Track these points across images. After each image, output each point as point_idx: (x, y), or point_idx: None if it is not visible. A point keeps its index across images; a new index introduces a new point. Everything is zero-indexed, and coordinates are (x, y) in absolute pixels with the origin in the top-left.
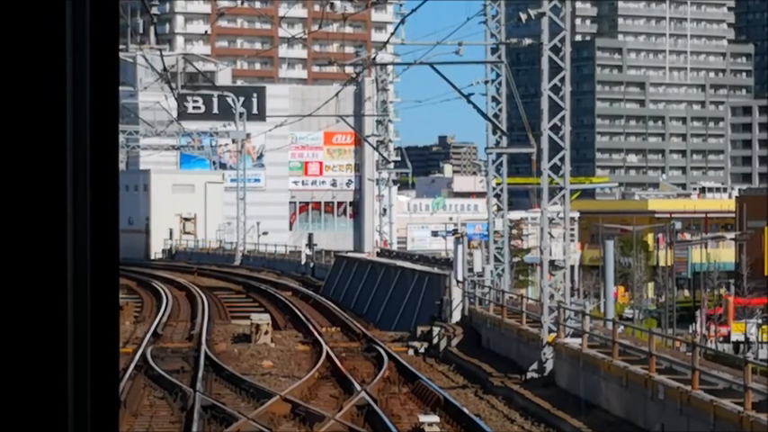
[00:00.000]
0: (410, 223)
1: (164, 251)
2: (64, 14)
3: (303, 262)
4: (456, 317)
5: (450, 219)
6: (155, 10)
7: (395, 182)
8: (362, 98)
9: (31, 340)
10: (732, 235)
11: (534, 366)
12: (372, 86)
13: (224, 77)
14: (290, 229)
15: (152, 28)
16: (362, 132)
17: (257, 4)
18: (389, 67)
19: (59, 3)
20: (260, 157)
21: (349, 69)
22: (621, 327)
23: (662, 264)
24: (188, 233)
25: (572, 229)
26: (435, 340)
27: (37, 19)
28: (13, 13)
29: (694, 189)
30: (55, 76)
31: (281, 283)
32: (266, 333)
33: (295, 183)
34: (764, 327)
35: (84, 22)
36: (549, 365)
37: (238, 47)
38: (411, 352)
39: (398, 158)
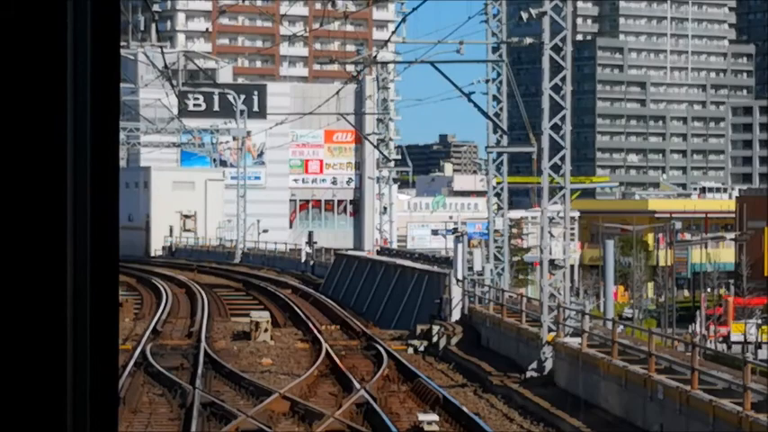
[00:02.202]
0: (410, 222)
1: (164, 248)
2: (65, 11)
3: (303, 260)
4: (456, 315)
5: (451, 217)
6: (156, 7)
7: (395, 180)
8: (363, 96)
9: (31, 337)
10: (732, 235)
11: (533, 365)
12: (373, 85)
13: (225, 75)
14: (290, 226)
15: (153, 25)
16: (363, 130)
17: (258, 2)
18: (390, 66)
19: (61, 0)
20: (260, 154)
21: (350, 68)
22: (621, 326)
23: (662, 264)
24: (188, 230)
25: (572, 229)
26: (435, 339)
27: (38, 16)
28: (15, 10)
29: (695, 189)
30: (56, 73)
31: (281, 280)
32: (266, 331)
33: (295, 181)
34: (764, 327)
35: (85, 19)
36: (548, 365)
37: (239, 44)
38: (410, 350)
39: (399, 157)
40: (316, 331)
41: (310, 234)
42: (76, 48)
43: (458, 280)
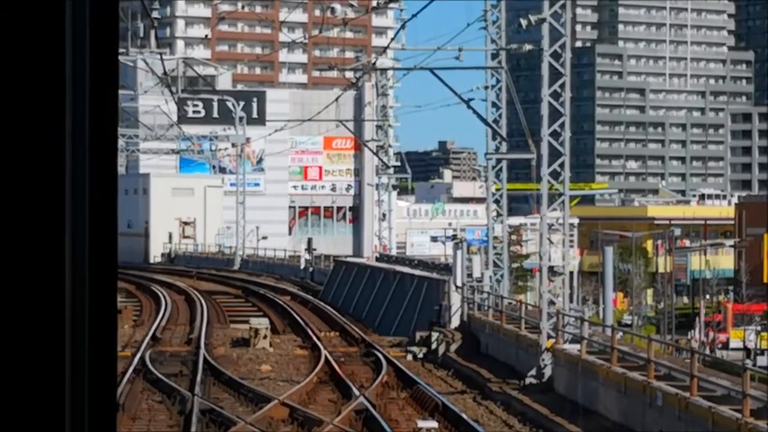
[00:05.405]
0: (409, 228)
1: (163, 255)
2: (64, 17)
3: (302, 266)
4: (455, 322)
5: (450, 224)
6: (155, 14)
7: (394, 187)
8: (362, 103)
9: (29, 343)
10: (731, 242)
11: (533, 372)
12: (372, 91)
13: (224, 81)
14: (290, 233)
15: (152, 32)
16: (362, 137)
17: (258, 9)
18: (389, 72)
19: (59, 5)
20: (260, 161)
21: (349, 74)
22: (620, 333)
23: (661, 270)
24: (187, 237)
25: (571, 235)
26: (434, 345)
27: (37, 22)
28: (13, 15)
29: (694, 196)
30: (54, 79)
31: (280, 287)
32: (265, 337)
33: (294, 187)
34: (763, 334)
35: (84, 26)
36: (547, 371)
37: (239, 51)
38: (410, 357)
39: (398, 163)
40: (315, 338)
41: (309, 241)
42: (75, 54)
43: (457, 287)
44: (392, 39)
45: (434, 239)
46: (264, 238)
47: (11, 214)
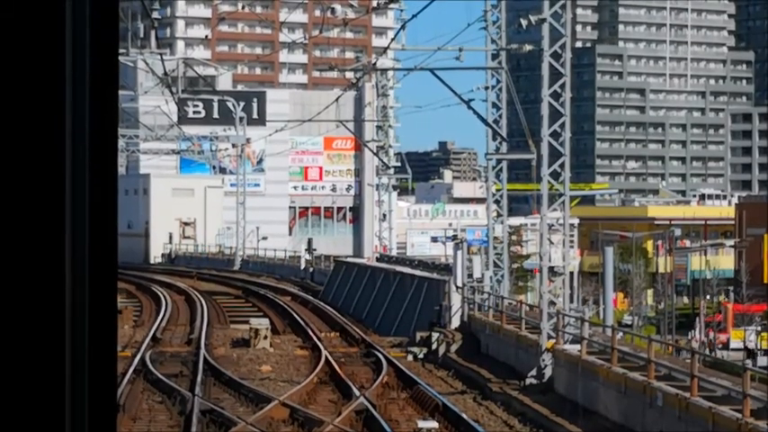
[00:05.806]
0: (410, 229)
1: (163, 255)
2: (64, 18)
3: (302, 267)
4: (455, 322)
5: (450, 224)
6: (155, 14)
7: (395, 187)
8: (363, 103)
9: (29, 343)
10: (731, 242)
11: (533, 372)
12: (373, 92)
13: (224, 82)
14: (290, 233)
15: (153, 32)
16: (362, 138)
17: (258, 9)
18: (390, 73)
19: (59, 6)
20: (260, 161)
21: (349, 74)
22: (620, 333)
23: (661, 270)
24: (188, 237)
25: (571, 236)
26: (434, 346)
27: (37, 22)
28: (13, 15)
29: (694, 196)
30: (54, 80)
31: (281, 287)
32: (265, 338)
33: (295, 188)
34: (764, 334)
35: (84, 26)
36: (547, 372)
37: (239, 51)
38: (410, 357)
39: (398, 164)
40: (315, 338)
41: (310, 241)
42: (75, 54)
43: (457, 287)
44: (392, 39)
45: (435, 240)
46: (265, 238)
47: (11, 214)
